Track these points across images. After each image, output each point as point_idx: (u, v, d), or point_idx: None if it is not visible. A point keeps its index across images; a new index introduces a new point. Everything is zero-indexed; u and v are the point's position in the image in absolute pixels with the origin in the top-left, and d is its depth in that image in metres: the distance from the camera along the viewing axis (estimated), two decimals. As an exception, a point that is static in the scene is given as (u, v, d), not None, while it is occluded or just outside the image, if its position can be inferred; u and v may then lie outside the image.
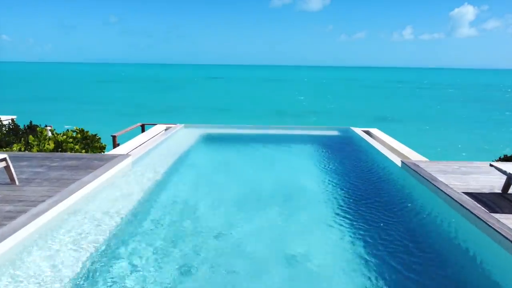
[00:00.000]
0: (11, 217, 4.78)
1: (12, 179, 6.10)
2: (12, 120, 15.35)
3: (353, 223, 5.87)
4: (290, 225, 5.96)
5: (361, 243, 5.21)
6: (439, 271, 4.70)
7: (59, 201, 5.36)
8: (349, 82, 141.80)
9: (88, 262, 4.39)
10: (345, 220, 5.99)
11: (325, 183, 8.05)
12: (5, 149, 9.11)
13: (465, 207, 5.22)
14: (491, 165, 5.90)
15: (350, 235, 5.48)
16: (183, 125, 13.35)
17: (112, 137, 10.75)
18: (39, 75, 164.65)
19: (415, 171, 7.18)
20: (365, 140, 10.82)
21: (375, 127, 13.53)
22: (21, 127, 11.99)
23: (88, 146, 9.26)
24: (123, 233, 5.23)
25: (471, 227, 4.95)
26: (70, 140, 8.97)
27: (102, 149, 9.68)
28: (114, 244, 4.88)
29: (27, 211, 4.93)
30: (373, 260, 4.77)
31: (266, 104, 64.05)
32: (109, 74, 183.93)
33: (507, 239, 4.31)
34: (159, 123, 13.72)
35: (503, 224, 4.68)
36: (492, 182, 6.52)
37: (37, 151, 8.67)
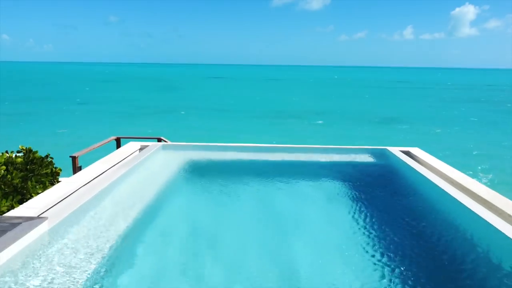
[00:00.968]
0: None
1: None
2: None
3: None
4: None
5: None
6: None
7: None
8: (351, 82, 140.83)
9: None
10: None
11: (363, 235, 5.34)
12: None
13: None
14: None
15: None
16: (161, 144, 9.46)
17: (71, 158, 7.91)
18: (37, 74, 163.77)
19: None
20: (407, 164, 8.06)
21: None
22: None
23: (32, 174, 5.93)
24: None
25: None
26: (3, 168, 5.59)
27: (55, 176, 6.52)
28: None
29: None
30: None
31: (266, 105, 63.15)
32: (108, 73, 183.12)
33: None
34: (136, 137, 10.66)
35: None
36: None
37: None
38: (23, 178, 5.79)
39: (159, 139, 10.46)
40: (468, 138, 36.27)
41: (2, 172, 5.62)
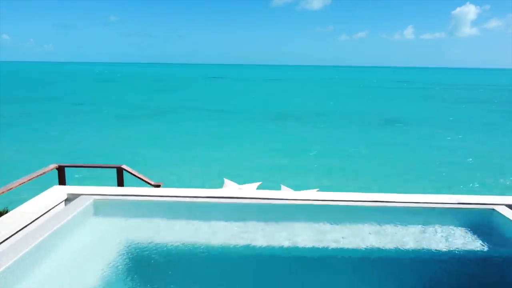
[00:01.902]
0: None
1: None
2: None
3: None
4: None
5: None
6: None
7: None
8: (352, 82, 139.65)
9: None
10: None
11: None
12: None
13: None
14: None
15: None
16: (92, 199, 5.17)
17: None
18: (35, 74, 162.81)
19: None
20: None
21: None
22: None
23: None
24: None
25: None
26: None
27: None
28: None
29: None
30: None
31: (266, 106, 61.99)
32: (107, 74, 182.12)
33: None
34: (86, 166, 8.26)
35: None
36: None
37: None
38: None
39: (119, 169, 6.95)
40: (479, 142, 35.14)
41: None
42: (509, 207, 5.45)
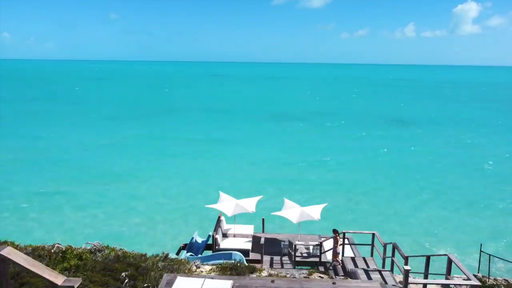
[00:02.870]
0: None
1: None
2: None
3: None
4: None
5: None
6: None
7: None
8: (355, 80, 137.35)
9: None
10: None
11: None
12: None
13: None
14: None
15: None
16: None
17: None
18: (35, 73, 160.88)
19: None
20: None
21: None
22: None
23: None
24: None
25: None
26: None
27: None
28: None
29: None
30: None
31: (269, 105, 59.73)
32: (107, 71, 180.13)
33: None
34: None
35: None
36: None
37: None
38: None
39: None
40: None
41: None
42: None
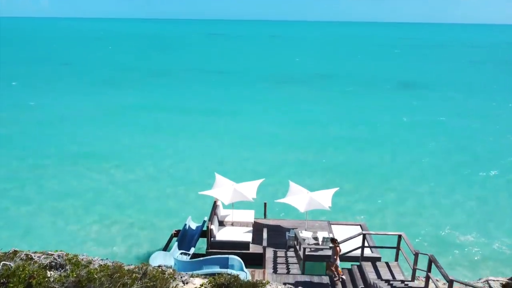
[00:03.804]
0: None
1: None
2: None
3: None
4: None
5: None
6: None
7: None
8: (358, 40, 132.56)
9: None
10: None
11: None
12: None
13: None
14: None
15: None
16: None
17: None
18: (27, 32, 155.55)
19: None
20: None
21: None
22: None
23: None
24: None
25: None
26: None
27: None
28: None
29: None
30: None
31: (268, 66, 57.06)
32: (103, 30, 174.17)
33: None
34: None
35: None
36: None
37: None
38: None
39: None
40: None
41: None
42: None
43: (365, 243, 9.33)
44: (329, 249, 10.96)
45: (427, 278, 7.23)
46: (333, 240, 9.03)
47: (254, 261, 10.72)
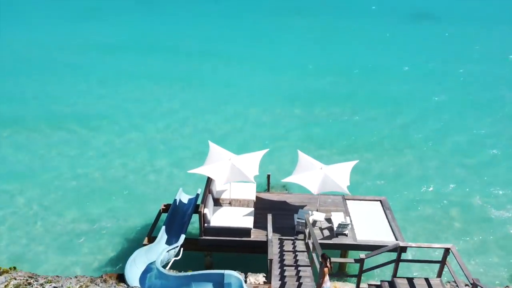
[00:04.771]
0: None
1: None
2: None
3: None
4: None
5: None
6: None
7: None
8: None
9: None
10: None
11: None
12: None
13: None
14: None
15: None
16: None
17: None
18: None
19: None
20: None
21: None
22: None
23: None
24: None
25: None
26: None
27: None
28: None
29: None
30: None
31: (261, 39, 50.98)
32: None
33: None
34: None
35: None
36: None
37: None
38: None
39: None
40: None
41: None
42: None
43: (392, 236, 7.58)
44: (346, 236, 9.30)
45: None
46: (323, 256, 6.74)
47: (256, 249, 9.16)
